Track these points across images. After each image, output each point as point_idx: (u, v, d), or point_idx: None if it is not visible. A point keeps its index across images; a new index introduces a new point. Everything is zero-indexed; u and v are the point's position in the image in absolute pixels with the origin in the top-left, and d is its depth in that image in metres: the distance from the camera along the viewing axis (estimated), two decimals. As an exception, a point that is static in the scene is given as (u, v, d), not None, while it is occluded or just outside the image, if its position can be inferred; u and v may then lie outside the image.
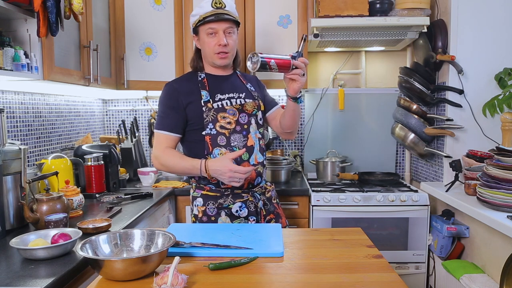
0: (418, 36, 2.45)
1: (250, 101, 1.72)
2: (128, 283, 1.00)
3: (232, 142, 1.64)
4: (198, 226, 1.50)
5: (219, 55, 1.66)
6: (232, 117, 1.64)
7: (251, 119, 1.69)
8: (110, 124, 3.01)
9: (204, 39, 1.66)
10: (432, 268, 2.32)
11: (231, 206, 1.64)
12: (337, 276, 1.04)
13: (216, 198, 1.65)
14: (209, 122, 1.62)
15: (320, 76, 2.97)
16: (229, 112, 1.65)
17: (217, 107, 1.64)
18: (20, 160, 1.51)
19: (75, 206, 1.71)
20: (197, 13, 1.65)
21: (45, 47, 1.62)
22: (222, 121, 1.63)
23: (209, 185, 1.67)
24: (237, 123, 1.65)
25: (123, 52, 2.38)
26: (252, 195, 1.68)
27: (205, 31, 1.64)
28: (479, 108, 2.16)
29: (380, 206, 2.28)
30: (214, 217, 1.65)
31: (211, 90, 1.67)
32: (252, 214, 1.66)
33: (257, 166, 1.68)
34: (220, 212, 1.64)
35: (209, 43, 1.65)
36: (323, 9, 2.33)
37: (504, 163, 1.67)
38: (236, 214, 1.65)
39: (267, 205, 1.73)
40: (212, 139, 1.63)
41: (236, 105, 1.67)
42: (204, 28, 1.64)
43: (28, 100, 2.04)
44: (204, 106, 1.63)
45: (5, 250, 1.29)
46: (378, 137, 2.89)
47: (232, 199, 1.65)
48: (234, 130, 1.64)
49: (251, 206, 1.66)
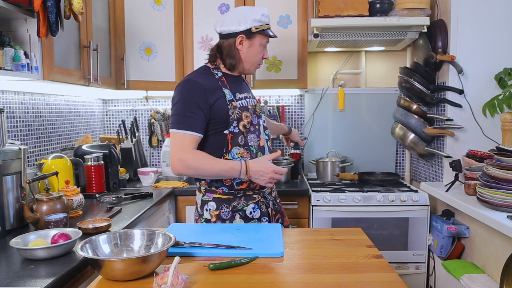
0: (418, 36, 2.45)
1: (257, 103, 1.74)
2: (128, 283, 1.00)
3: (250, 142, 1.62)
4: (198, 226, 1.50)
5: (258, 66, 1.72)
6: (251, 117, 1.65)
7: (259, 121, 1.70)
8: (110, 124, 3.01)
9: (257, 47, 1.65)
10: (432, 268, 2.32)
11: (245, 208, 1.63)
12: (337, 276, 1.04)
13: (229, 201, 1.63)
14: (234, 120, 1.59)
15: (320, 76, 2.97)
16: (250, 111, 1.65)
17: (241, 106, 1.63)
18: (20, 160, 1.51)
19: (75, 206, 1.71)
20: (263, 20, 1.62)
21: (45, 47, 1.62)
22: (245, 120, 1.62)
23: (222, 187, 1.63)
24: (251, 123, 1.65)
25: (123, 52, 2.38)
26: (263, 196, 1.68)
27: (261, 41, 1.65)
28: (479, 108, 2.16)
29: (380, 206, 2.28)
30: (229, 220, 1.62)
31: (231, 89, 1.65)
32: (264, 214, 1.66)
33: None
34: (234, 215, 1.62)
35: (259, 53, 1.67)
36: (323, 9, 2.33)
37: (504, 163, 1.67)
38: (250, 216, 1.63)
39: (275, 205, 1.75)
40: (233, 137, 1.59)
41: (251, 105, 1.68)
42: (263, 38, 1.65)
43: (28, 100, 2.04)
44: (229, 105, 1.60)
45: (5, 250, 1.29)
46: (378, 137, 2.89)
47: (245, 201, 1.63)
48: (249, 130, 1.63)
49: (262, 206, 1.66)
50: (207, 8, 2.54)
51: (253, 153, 1.62)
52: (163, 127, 2.89)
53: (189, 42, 2.56)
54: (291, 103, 2.95)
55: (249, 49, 1.64)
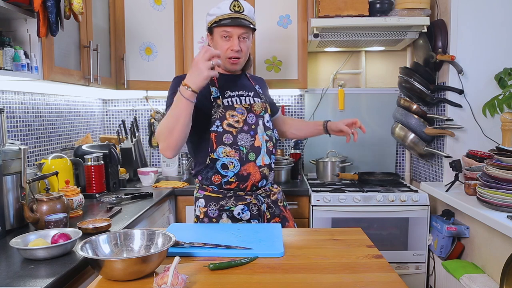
0: (418, 36, 2.45)
1: (258, 102, 1.69)
2: (128, 283, 1.00)
3: (239, 141, 1.59)
4: (198, 226, 1.50)
5: (231, 60, 1.63)
6: (240, 116, 1.61)
7: (258, 120, 1.65)
8: (110, 124, 3.01)
9: (217, 41, 1.62)
10: (432, 268, 2.32)
11: (232, 208, 1.62)
12: (337, 276, 1.04)
13: (218, 199, 1.63)
14: (217, 119, 1.58)
15: (320, 76, 2.97)
16: (238, 111, 1.61)
17: (227, 104, 1.60)
18: (20, 160, 1.51)
19: (75, 206, 1.71)
20: (214, 13, 1.61)
21: (45, 47, 1.62)
22: (230, 119, 1.59)
23: (211, 186, 1.64)
24: (245, 122, 1.61)
25: (123, 52, 2.38)
26: (256, 198, 1.64)
27: (219, 33, 1.61)
28: (479, 108, 2.16)
29: (380, 206, 2.28)
30: (216, 219, 1.62)
31: (221, 87, 1.64)
32: (254, 217, 1.63)
33: (262, 168, 1.64)
34: (221, 214, 1.62)
35: (222, 46, 1.61)
36: (323, 9, 2.33)
37: (504, 163, 1.67)
38: (238, 216, 1.62)
39: (272, 208, 1.70)
40: (217, 136, 1.58)
41: (245, 104, 1.64)
42: (219, 30, 1.61)
43: (28, 100, 2.04)
44: (214, 102, 1.59)
45: (5, 250, 1.29)
46: (378, 137, 2.89)
47: (234, 201, 1.62)
48: (242, 129, 1.60)
49: (254, 209, 1.63)
50: (207, 8, 2.51)
51: (242, 152, 1.58)
52: (163, 127, 2.89)
53: (189, 42, 2.56)
54: (291, 103, 2.95)
55: (214, 46, 1.64)
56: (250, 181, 1.62)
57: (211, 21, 1.63)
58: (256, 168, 1.61)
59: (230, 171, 1.59)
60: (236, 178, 1.60)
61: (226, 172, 1.59)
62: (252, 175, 1.61)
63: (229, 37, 1.60)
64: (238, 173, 1.59)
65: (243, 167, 1.59)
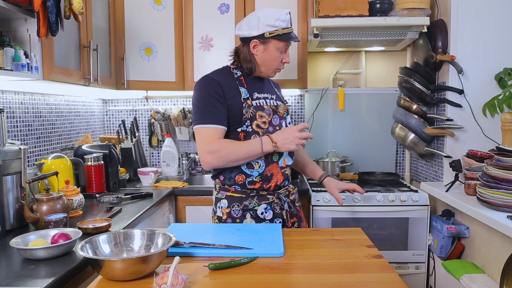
0: (418, 36, 2.45)
1: (281, 104, 1.72)
2: (128, 283, 1.00)
3: None
4: (198, 226, 1.50)
5: (278, 70, 1.69)
6: (267, 117, 1.63)
7: (282, 122, 1.68)
8: (110, 124, 3.01)
9: (273, 51, 1.63)
10: (432, 268, 2.32)
11: (256, 208, 1.62)
12: (337, 276, 1.04)
13: (241, 199, 1.62)
14: (247, 119, 1.59)
15: (320, 76, 2.97)
16: (266, 112, 1.63)
17: (257, 105, 1.62)
18: (20, 160, 1.51)
19: (75, 206, 1.71)
20: (278, 26, 1.59)
21: (45, 47, 1.62)
22: (259, 119, 1.60)
23: (234, 186, 1.64)
24: (270, 124, 1.63)
25: (123, 52, 2.38)
26: (278, 197, 1.65)
27: (278, 46, 1.62)
28: (479, 108, 2.16)
29: (380, 206, 2.28)
30: (239, 219, 1.62)
31: (249, 88, 1.65)
32: (277, 216, 1.64)
33: (284, 169, 1.66)
34: (245, 214, 1.62)
35: (277, 58, 1.64)
36: (323, 9, 2.33)
37: (504, 163, 1.67)
38: (262, 216, 1.62)
39: (291, 208, 1.71)
40: (245, 136, 1.59)
41: (272, 106, 1.67)
42: (279, 44, 1.62)
43: (28, 100, 2.04)
44: (244, 103, 1.60)
45: (5, 250, 1.29)
46: (378, 137, 2.89)
47: (257, 201, 1.62)
48: (267, 130, 1.62)
49: (276, 208, 1.64)
50: (207, 8, 2.54)
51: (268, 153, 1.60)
52: (163, 127, 2.89)
53: (189, 42, 2.56)
54: (291, 103, 2.95)
55: (264, 54, 1.64)
56: (273, 182, 1.64)
57: (272, 32, 1.60)
58: (278, 169, 1.64)
59: (255, 171, 1.60)
60: (260, 178, 1.61)
61: (252, 171, 1.60)
62: (275, 176, 1.63)
63: (283, 51, 1.65)
64: (262, 173, 1.61)
65: (268, 167, 1.62)
